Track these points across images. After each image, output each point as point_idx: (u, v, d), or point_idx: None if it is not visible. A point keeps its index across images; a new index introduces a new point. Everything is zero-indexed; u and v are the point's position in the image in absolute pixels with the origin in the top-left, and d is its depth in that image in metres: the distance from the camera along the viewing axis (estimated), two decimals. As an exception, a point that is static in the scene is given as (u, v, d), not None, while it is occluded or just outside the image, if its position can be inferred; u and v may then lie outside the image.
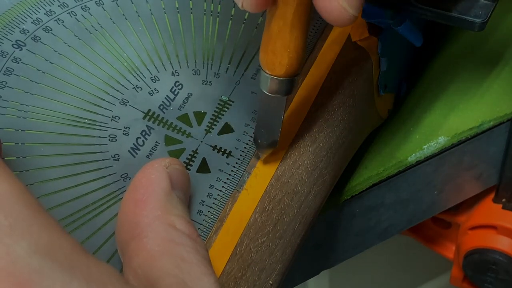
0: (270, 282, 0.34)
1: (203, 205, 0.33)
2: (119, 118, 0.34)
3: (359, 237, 0.47)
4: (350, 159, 0.41)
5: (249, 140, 0.35)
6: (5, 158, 0.32)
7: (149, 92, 0.35)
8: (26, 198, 0.23)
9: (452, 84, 0.47)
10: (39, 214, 0.23)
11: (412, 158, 0.44)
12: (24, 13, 0.36)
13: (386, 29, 0.39)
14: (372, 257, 0.73)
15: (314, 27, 0.39)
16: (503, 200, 0.51)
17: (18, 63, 0.34)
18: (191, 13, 0.38)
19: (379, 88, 0.41)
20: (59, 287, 0.21)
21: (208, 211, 0.33)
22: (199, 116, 0.35)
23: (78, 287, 0.22)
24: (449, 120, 0.45)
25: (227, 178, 0.34)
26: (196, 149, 0.34)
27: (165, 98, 0.35)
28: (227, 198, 0.33)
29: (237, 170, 0.34)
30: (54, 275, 0.22)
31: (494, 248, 0.51)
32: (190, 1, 0.39)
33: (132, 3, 0.38)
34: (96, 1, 0.38)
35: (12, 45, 0.35)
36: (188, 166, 0.34)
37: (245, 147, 0.35)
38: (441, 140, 0.45)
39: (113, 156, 0.33)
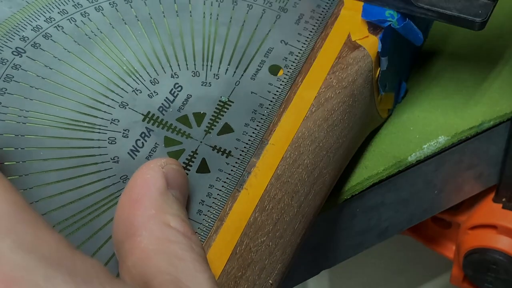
0: (270, 281, 0.33)
1: (203, 204, 0.33)
2: (119, 121, 0.34)
3: (359, 237, 0.47)
4: (350, 159, 0.41)
5: (249, 140, 0.35)
6: (5, 163, 0.32)
7: (148, 94, 0.35)
8: (10, 195, 0.23)
9: (452, 84, 0.47)
10: (23, 210, 0.23)
11: (412, 158, 0.44)
12: (24, 20, 0.36)
13: (386, 28, 0.39)
14: (372, 257, 0.73)
15: (314, 26, 0.39)
16: (503, 199, 0.51)
17: (18, 69, 0.34)
18: (190, 16, 0.38)
19: (379, 87, 0.41)
20: (43, 281, 0.21)
21: (208, 211, 0.33)
22: (199, 117, 0.35)
23: (62, 281, 0.22)
24: (449, 120, 0.45)
25: (227, 178, 0.34)
26: (196, 150, 0.34)
27: (165, 100, 0.35)
28: (227, 197, 0.33)
29: (236, 170, 0.34)
30: (38, 271, 0.22)
31: (494, 247, 0.51)
32: (190, 4, 0.39)
33: (131, 7, 0.38)
34: (95, 7, 0.38)
35: (12, 52, 0.35)
36: (188, 167, 0.34)
37: (244, 147, 0.35)
38: (441, 140, 0.45)
39: (112, 158, 0.33)
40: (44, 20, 0.36)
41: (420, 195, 0.47)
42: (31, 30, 0.36)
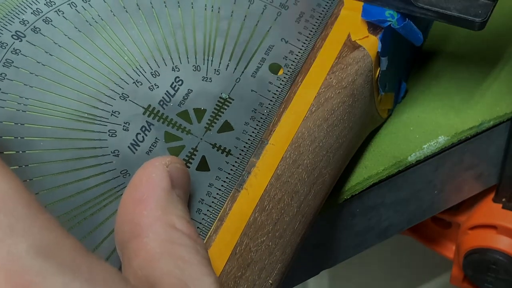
0: (270, 281, 0.33)
1: (202, 203, 0.33)
2: (119, 113, 0.34)
3: (359, 237, 0.47)
4: (350, 159, 0.41)
5: (249, 139, 0.35)
6: (4, 153, 0.31)
7: (149, 87, 0.35)
8: (25, 197, 0.23)
9: (452, 84, 0.47)
10: (39, 213, 0.23)
11: (412, 158, 0.44)
12: (24, 3, 0.35)
13: (386, 28, 0.39)
14: (372, 257, 0.73)
15: (314, 26, 0.39)
16: (503, 199, 0.51)
17: (18, 54, 0.34)
18: (192, 7, 0.38)
19: (379, 87, 0.41)
20: None
21: (207, 210, 0.33)
22: (199, 113, 0.35)
23: None
24: (449, 120, 0.45)
25: (227, 177, 0.34)
26: (196, 147, 0.34)
27: (165, 93, 0.35)
28: (226, 197, 0.33)
29: (236, 169, 0.34)
30: (56, 277, 0.21)
31: (494, 247, 0.51)
32: None
33: None
34: None
35: (12, 36, 0.34)
36: (188, 164, 0.34)
37: (244, 146, 0.35)
38: (441, 140, 0.45)
39: (112, 152, 0.33)
40: (45, 4, 0.36)
41: (420, 195, 0.47)
42: (31, 13, 0.35)
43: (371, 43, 0.39)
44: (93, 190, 0.32)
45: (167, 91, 0.35)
